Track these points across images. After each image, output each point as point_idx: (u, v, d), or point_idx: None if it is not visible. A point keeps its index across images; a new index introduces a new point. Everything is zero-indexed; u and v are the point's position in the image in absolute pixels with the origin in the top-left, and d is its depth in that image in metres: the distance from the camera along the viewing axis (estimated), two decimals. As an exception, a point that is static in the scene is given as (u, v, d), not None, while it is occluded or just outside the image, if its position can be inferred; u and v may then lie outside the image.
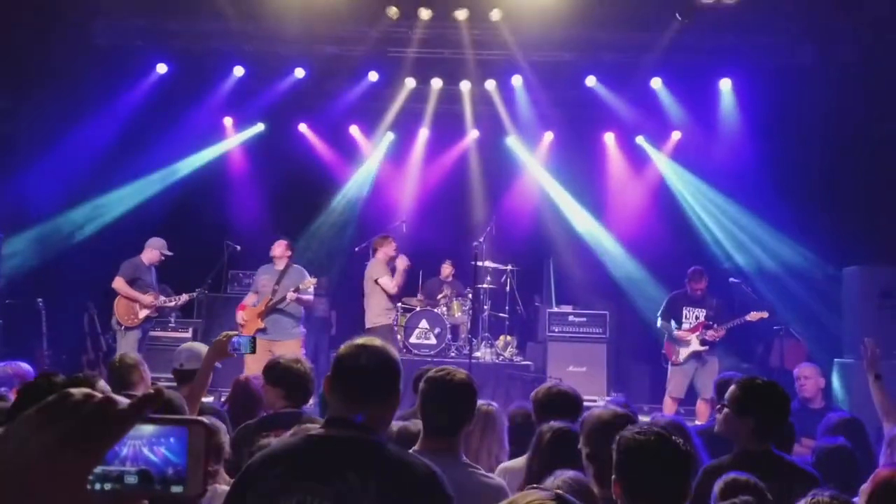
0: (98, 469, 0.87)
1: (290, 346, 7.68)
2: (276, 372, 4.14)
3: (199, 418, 0.94)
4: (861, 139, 9.89)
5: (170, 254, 8.77)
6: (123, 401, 0.86)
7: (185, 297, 8.85)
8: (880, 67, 9.36)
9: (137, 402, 0.86)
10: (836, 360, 8.80)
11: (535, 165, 12.21)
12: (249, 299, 8.50)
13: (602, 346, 9.91)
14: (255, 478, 2.16)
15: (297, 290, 8.22)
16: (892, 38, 9.09)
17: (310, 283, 8.32)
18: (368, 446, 2.18)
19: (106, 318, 9.96)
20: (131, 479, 0.89)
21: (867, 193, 9.49)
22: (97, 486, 0.88)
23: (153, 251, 8.70)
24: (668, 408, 8.42)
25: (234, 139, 12.10)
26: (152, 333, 9.35)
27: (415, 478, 2.12)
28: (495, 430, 3.77)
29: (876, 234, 9.48)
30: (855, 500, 2.62)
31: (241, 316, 8.37)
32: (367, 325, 8.89)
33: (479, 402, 3.83)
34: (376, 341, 2.36)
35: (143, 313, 8.56)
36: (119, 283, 8.51)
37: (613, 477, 2.32)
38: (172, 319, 10.23)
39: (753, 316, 8.40)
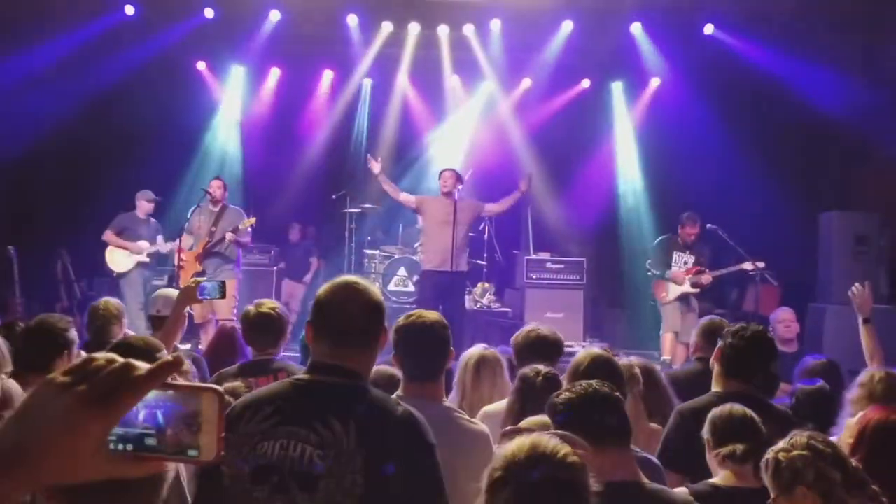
0: (120, 430, 0.90)
1: (228, 288, 7.63)
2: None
3: (214, 386, 0.96)
4: (840, 85, 9.87)
5: (157, 199, 9.06)
6: (143, 365, 0.91)
7: (169, 245, 8.82)
8: (858, 13, 9.32)
9: (156, 368, 0.91)
10: (810, 304, 8.91)
11: (514, 112, 12.08)
12: (184, 242, 8.43)
13: (579, 293, 9.95)
14: (239, 421, 2.13)
15: (235, 231, 8.21)
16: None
17: (248, 223, 8.34)
18: (352, 392, 2.15)
19: (78, 264, 9.90)
20: (151, 441, 0.92)
21: (845, 139, 9.52)
22: (119, 447, 0.91)
23: (141, 202, 9.02)
24: (669, 344, 8.50)
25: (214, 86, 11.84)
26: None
27: (396, 424, 2.10)
28: (504, 374, 3.78)
29: (851, 181, 9.55)
30: (832, 438, 2.65)
31: (177, 258, 8.36)
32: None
33: (479, 347, 3.84)
34: (358, 282, 2.29)
35: (132, 259, 8.81)
36: (106, 235, 8.89)
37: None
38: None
39: (748, 265, 8.47)
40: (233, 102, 11.88)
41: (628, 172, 11.71)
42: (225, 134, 11.86)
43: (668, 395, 3.87)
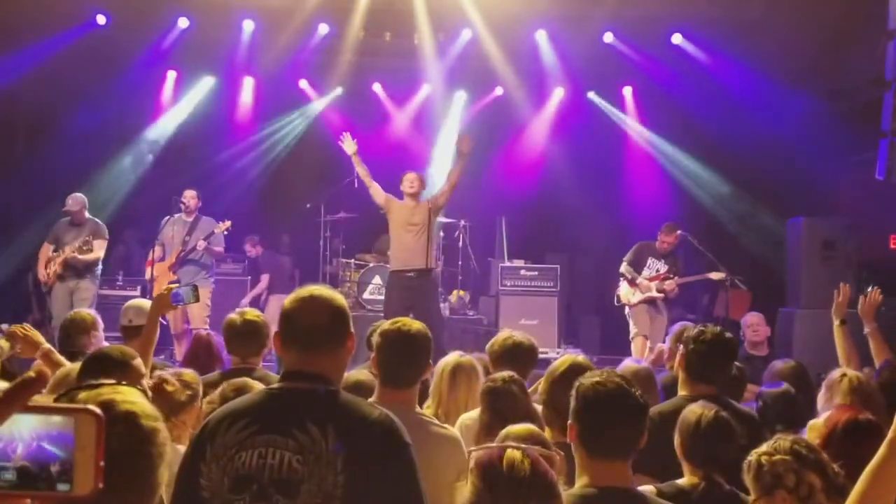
0: None
1: (202, 296, 7.56)
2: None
3: (89, 406, 0.84)
4: (808, 92, 10.07)
5: (70, 209, 8.37)
6: None
7: (93, 247, 8.25)
8: (826, 23, 9.50)
9: (14, 389, 0.79)
10: (780, 309, 9.05)
11: (488, 120, 12.15)
12: (156, 253, 8.35)
13: (553, 299, 10.04)
14: (215, 433, 2.16)
15: (209, 238, 8.23)
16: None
17: (223, 226, 8.30)
18: (326, 397, 2.19)
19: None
20: (8, 476, 0.82)
21: (812, 146, 9.69)
22: None
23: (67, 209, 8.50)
24: (640, 348, 8.55)
25: (182, 93, 11.73)
26: (100, 292, 9.20)
27: (373, 426, 2.14)
28: (479, 381, 3.82)
29: (819, 186, 9.72)
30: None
31: (149, 272, 8.27)
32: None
33: (455, 354, 3.88)
34: (322, 290, 2.33)
35: (50, 271, 8.34)
36: (42, 248, 8.47)
37: (570, 422, 2.35)
38: (120, 277, 10.08)
39: (714, 275, 8.62)
40: (204, 112, 11.83)
41: (598, 179, 11.76)
42: (196, 143, 11.79)
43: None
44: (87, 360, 2.96)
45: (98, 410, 0.83)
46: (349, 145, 8.07)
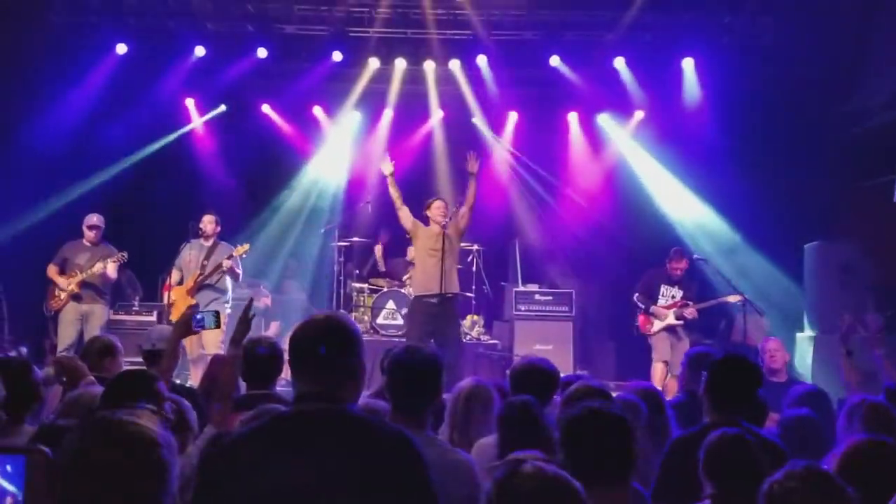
0: None
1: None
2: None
3: (39, 447, 0.79)
4: (822, 116, 10.04)
5: (96, 224, 8.46)
6: None
7: (107, 264, 8.30)
8: (839, 46, 9.52)
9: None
10: (797, 334, 8.98)
11: (500, 145, 12.19)
12: (174, 277, 8.37)
13: (568, 324, 9.98)
14: (229, 456, 2.15)
15: (230, 258, 8.24)
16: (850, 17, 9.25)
17: (242, 249, 8.29)
18: (339, 417, 2.18)
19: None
20: None
21: (828, 170, 9.66)
22: None
23: (84, 228, 8.51)
24: (659, 374, 8.55)
25: (198, 121, 11.83)
26: (116, 317, 9.24)
27: (387, 443, 2.13)
28: (494, 407, 3.81)
29: (836, 211, 9.67)
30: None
31: (167, 297, 8.27)
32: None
33: (471, 380, 3.87)
34: (328, 314, 2.35)
35: (63, 294, 8.35)
36: (49, 269, 8.45)
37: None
38: (136, 303, 10.11)
39: (731, 298, 8.63)
40: (220, 138, 11.92)
41: (612, 203, 11.74)
42: (210, 168, 11.86)
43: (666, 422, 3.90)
44: (112, 382, 2.95)
45: (45, 449, 0.76)
46: (386, 166, 8.11)
